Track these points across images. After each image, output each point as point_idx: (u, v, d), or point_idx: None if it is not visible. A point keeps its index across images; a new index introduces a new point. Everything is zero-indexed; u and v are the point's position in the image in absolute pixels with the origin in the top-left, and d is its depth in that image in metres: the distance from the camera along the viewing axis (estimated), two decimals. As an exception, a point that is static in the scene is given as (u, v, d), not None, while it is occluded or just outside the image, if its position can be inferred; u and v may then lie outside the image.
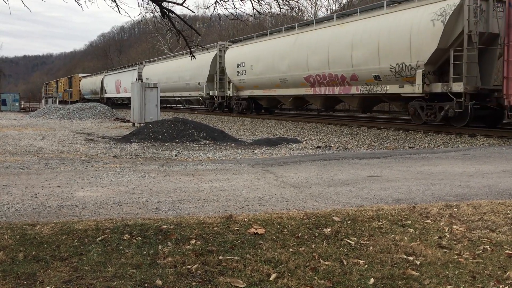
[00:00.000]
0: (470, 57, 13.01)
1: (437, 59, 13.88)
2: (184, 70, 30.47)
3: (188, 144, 13.28)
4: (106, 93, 48.70)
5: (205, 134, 14.49)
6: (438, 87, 13.74)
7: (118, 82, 44.02)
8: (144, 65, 38.64)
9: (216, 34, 55.72)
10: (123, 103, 45.39)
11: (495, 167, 6.96)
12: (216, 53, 27.07)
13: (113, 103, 45.89)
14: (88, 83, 56.68)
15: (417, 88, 14.09)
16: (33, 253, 3.20)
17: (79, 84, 58.93)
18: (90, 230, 3.67)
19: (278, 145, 13.01)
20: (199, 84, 28.74)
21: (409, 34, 14.22)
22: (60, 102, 47.55)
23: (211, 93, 27.90)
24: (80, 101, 51.20)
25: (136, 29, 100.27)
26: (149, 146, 12.50)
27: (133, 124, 20.95)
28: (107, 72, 50.74)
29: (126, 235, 3.58)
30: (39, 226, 3.78)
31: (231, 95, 26.11)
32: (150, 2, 5.80)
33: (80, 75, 62.62)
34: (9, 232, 3.63)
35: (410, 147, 12.17)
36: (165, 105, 35.79)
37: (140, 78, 37.15)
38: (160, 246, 3.36)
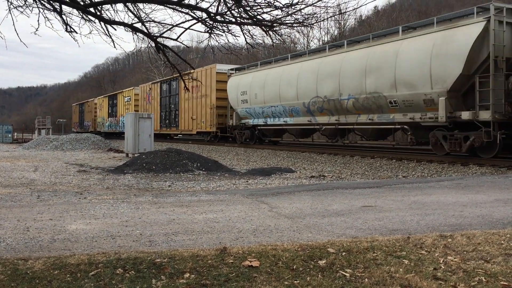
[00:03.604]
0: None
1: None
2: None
3: (182, 174, 13.25)
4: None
5: (198, 164, 14.48)
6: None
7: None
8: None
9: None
10: None
11: (488, 197, 6.99)
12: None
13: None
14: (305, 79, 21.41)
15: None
16: (25, 289, 3.15)
17: (215, 90, 26.67)
18: (82, 265, 3.63)
19: (272, 175, 13.01)
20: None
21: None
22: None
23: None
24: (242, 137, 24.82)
25: (130, 60, 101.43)
26: (142, 177, 12.46)
27: (127, 154, 20.93)
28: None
29: (119, 269, 3.54)
30: (31, 261, 3.73)
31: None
32: (145, 37, 5.90)
33: (221, 67, 27.02)
34: (0, 267, 3.58)
35: (404, 176, 12.21)
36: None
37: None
38: (153, 280, 3.32)
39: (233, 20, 5.68)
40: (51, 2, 5.56)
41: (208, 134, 28.33)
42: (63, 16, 5.80)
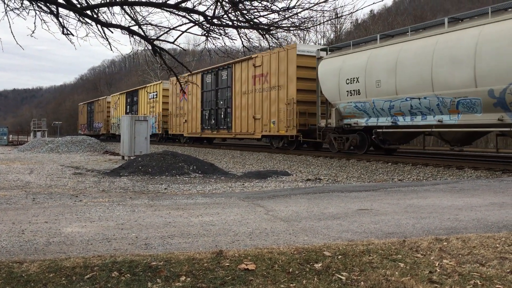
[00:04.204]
0: None
1: None
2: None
3: (178, 177, 13.23)
4: None
5: (195, 167, 14.47)
6: None
7: None
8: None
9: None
10: None
11: (483, 200, 7.02)
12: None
13: None
14: None
15: None
16: (20, 292, 3.14)
17: (295, 80, 19.83)
18: (78, 268, 3.62)
19: (268, 178, 13.01)
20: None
21: None
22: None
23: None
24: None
25: (126, 62, 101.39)
26: (138, 180, 12.43)
27: (123, 157, 20.89)
28: None
29: (115, 272, 3.53)
30: (26, 264, 3.72)
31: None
32: (142, 40, 5.91)
33: (304, 47, 20.70)
34: (-5, 270, 3.56)
35: (399, 180, 12.24)
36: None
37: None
38: (149, 284, 3.31)
39: (230, 23, 5.69)
40: (48, 4, 5.56)
41: (281, 138, 21.57)
42: (59, 18, 5.80)
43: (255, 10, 5.53)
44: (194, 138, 30.26)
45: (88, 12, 5.74)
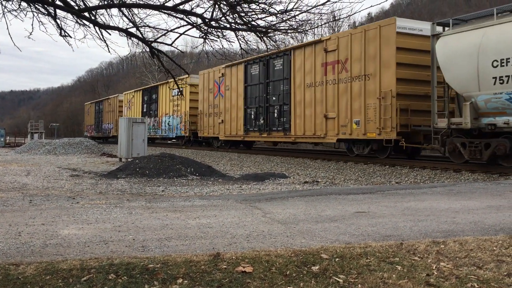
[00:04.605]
0: None
1: None
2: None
3: (175, 179, 13.22)
4: None
5: (192, 169, 14.46)
6: None
7: None
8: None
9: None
10: None
11: (481, 203, 7.03)
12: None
13: None
14: None
15: None
16: (16, 294, 3.13)
17: (394, 66, 14.44)
18: (74, 270, 3.60)
19: (266, 181, 13.01)
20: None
21: None
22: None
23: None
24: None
25: (124, 64, 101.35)
26: (136, 182, 12.41)
27: (120, 159, 20.86)
28: None
29: (112, 274, 3.52)
30: (22, 266, 3.70)
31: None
32: (140, 42, 5.91)
33: (407, 24, 14.92)
34: (-9, 273, 3.55)
35: (397, 182, 12.25)
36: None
37: None
38: (146, 286, 3.31)
39: (228, 25, 5.70)
40: (46, 6, 5.56)
41: (367, 143, 16.45)
42: (57, 20, 5.79)
43: (253, 13, 5.54)
44: (232, 142, 25.33)
45: (86, 14, 5.74)
